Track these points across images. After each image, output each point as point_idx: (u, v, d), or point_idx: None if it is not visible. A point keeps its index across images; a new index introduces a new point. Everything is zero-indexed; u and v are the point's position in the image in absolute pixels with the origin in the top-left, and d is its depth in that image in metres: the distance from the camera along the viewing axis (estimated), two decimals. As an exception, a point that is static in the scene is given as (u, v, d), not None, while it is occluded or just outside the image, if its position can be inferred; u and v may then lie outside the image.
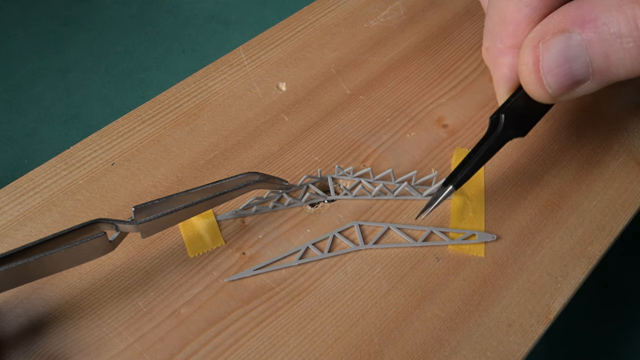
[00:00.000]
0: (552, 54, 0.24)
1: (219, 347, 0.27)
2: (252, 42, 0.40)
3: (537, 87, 0.25)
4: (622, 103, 0.36)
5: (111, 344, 0.27)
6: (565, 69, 0.24)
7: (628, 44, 0.22)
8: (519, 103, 0.28)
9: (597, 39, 0.23)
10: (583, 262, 0.29)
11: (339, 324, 0.27)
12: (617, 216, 0.31)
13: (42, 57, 1.14)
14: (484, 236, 0.30)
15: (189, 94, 0.36)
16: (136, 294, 0.28)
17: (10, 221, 0.31)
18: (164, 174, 0.33)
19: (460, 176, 0.28)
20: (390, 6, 0.42)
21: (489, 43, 0.28)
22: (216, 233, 0.30)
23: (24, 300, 0.28)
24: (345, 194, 0.32)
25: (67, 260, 0.25)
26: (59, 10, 1.23)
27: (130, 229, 0.26)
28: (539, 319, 0.28)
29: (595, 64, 0.23)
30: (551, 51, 0.24)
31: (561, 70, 0.24)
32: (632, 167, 0.33)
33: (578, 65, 0.23)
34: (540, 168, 0.33)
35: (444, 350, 0.27)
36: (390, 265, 0.29)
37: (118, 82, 1.10)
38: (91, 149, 0.34)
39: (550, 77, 0.24)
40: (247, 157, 0.33)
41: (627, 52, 0.22)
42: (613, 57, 0.23)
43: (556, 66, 0.24)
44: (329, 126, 0.35)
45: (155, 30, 1.19)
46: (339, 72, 0.38)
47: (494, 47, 0.28)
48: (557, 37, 0.23)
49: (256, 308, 0.28)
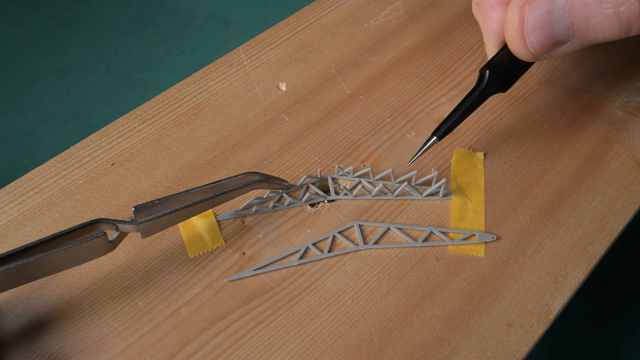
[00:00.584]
0: (537, 14, 0.25)
1: (219, 347, 0.27)
2: (252, 42, 0.40)
3: (520, 45, 0.26)
4: (622, 103, 0.36)
5: (111, 344, 0.27)
6: (547, 30, 0.25)
7: (607, 10, 0.23)
8: (503, 60, 0.29)
9: (580, 3, 0.24)
10: (583, 262, 0.29)
11: (339, 324, 0.27)
12: (617, 216, 0.31)
13: (42, 57, 1.14)
14: (484, 236, 0.30)
15: (189, 94, 0.36)
16: (136, 294, 0.28)
17: (10, 221, 0.31)
18: (164, 174, 0.33)
19: (445, 128, 0.30)
20: (390, 6, 0.42)
21: None
22: (216, 233, 0.30)
23: (24, 300, 0.28)
24: (345, 194, 0.32)
25: (67, 260, 0.25)
26: (59, 10, 1.23)
27: (130, 229, 0.26)
28: (539, 319, 0.27)
29: (576, 26, 0.25)
30: (536, 12, 0.25)
31: (544, 31, 0.25)
32: (632, 167, 0.33)
33: (560, 26, 0.25)
34: (540, 168, 0.33)
35: (444, 350, 0.27)
36: (390, 265, 0.29)
37: (118, 82, 1.10)
38: (91, 149, 0.34)
39: (534, 37, 0.26)
40: (247, 157, 0.33)
41: (605, 17, 0.24)
42: (593, 20, 0.24)
43: (540, 26, 0.25)
44: (329, 126, 0.35)
45: (155, 30, 1.19)
46: (339, 72, 0.38)
47: (484, 2, 0.29)
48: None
49: (256, 308, 0.28)
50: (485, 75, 0.29)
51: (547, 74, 0.38)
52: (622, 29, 0.24)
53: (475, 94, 0.30)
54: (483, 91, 0.30)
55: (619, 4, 0.23)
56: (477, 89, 0.30)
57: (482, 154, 0.33)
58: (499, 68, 0.29)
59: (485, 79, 0.29)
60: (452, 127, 0.30)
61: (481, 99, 0.30)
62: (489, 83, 0.29)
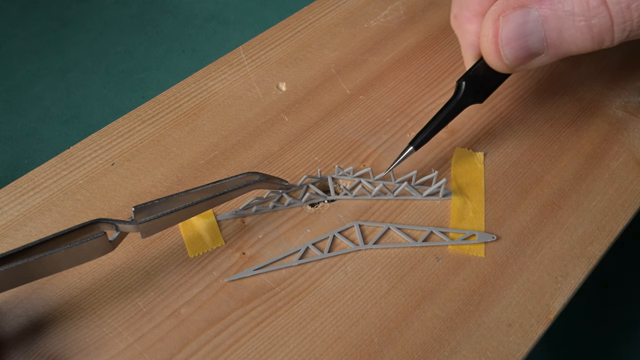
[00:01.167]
0: (511, 27, 0.25)
1: (219, 347, 0.27)
2: (252, 42, 0.40)
3: (495, 57, 0.27)
4: (622, 103, 0.36)
5: (111, 344, 0.27)
6: (521, 42, 0.25)
7: (580, 22, 0.24)
8: (479, 72, 0.30)
9: (553, 15, 0.24)
10: (583, 262, 0.29)
11: (339, 324, 0.27)
12: (617, 216, 0.31)
13: (42, 57, 1.14)
14: (484, 236, 0.30)
15: (189, 94, 0.36)
16: (136, 294, 0.28)
17: (10, 221, 0.31)
18: (164, 174, 0.33)
19: (421, 138, 0.30)
20: (390, 6, 0.42)
21: (457, 10, 0.30)
22: (216, 233, 0.30)
23: (24, 300, 0.28)
24: (345, 194, 0.32)
25: (67, 260, 0.25)
26: (59, 10, 1.23)
27: (130, 229, 0.26)
28: (539, 319, 0.28)
29: (550, 39, 0.25)
30: (510, 25, 0.25)
31: (518, 44, 0.25)
32: (632, 167, 0.33)
33: (534, 39, 0.25)
34: (540, 168, 0.33)
35: (444, 350, 0.27)
36: (390, 265, 0.29)
37: (118, 82, 1.10)
38: (91, 149, 0.34)
39: (508, 49, 0.26)
40: (247, 157, 0.33)
41: (578, 30, 0.24)
42: (566, 33, 0.24)
43: (514, 39, 0.25)
44: (329, 126, 0.35)
45: (155, 30, 1.19)
46: (339, 72, 0.38)
47: (461, 15, 0.30)
48: (516, 11, 0.25)
49: (256, 308, 0.28)
50: (462, 86, 0.30)
51: (547, 74, 0.38)
52: (594, 41, 0.24)
53: (452, 104, 0.30)
54: (459, 102, 0.30)
55: (590, 17, 0.23)
56: (454, 99, 0.30)
57: (482, 154, 0.33)
58: (475, 80, 0.30)
59: (462, 90, 0.30)
60: (428, 138, 0.30)
61: (457, 110, 0.30)
62: (465, 94, 0.30)
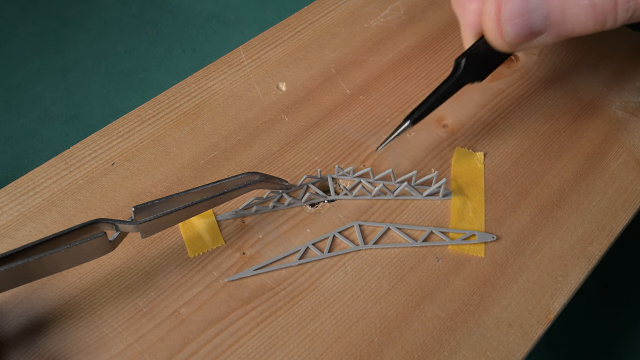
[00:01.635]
0: (514, 4, 0.25)
1: (219, 347, 0.27)
2: (252, 42, 0.40)
3: (496, 35, 0.26)
4: (622, 103, 0.36)
5: (111, 344, 0.27)
6: (523, 20, 0.25)
7: (583, 2, 0.24)
8: (479, 50, 0.29)
9: None
10: (583, 262, 0.29)
11: (339, 324, 0.27)
12: (617, 216, 0.31)
13: (42, 57, 1.14)
14: (484, 236, 0.30)
15: (189, 94, 0.36)
16: (136, 294, 0.28)
17: (10, 221, 0.31)
18: (164, 174, 0.33)
19: (418, 113, 0.30)
20: (390, 6, 0.42)
21: None
22: (216, 233, 0.30)
23: (24, 300, 0.28)
24: (345, 194, 0.32)
25: (67, 260, 0.25)
26: (59, 10, 1.23)
27: (130, 229, 0.26)
28: (539, 319, 0.27)
29: (552, 17, 0.25)
30: (513, 1, 0.25)
31: (520, 21, 0.25)
32: (632, 167, 0.33)
33: (536, 16, 0.25)
34: (540, 168, 0.33)
35: (444, 350, 0.27)
36: (390, 265, 0.29)
37: (118, 82, 1.10)
38: (91, 149, 0.34)
39: (509, 26, 0.26)
40: (247, 157, 0.33)
41: (581, 9, 0.24)
42: (569, 12, 0.24)
43: (516, 16, 0.25)
44: (329, 126, 0.35)
45: (155, 30, 1.19)
46: (339, 72, 0.38)
47: None
48: None
49: (256, 308, 0.28)
50: (461, 63, 0.30)
51: (547, 74, 0.38)
52: (597, 21, 0.24)
53: (450, 81, 0.30)
54: (458, 79, 0.30)
55: None
56: (452, 77, 0.30)
57: (482, 154, 0.33)
58: (475, 57, 0.30)
59: (461, 68, 0.30)
60: (425, 113, 0.30)
61: (456, 87, 0.30)
62: (464, 72, 0.30)
